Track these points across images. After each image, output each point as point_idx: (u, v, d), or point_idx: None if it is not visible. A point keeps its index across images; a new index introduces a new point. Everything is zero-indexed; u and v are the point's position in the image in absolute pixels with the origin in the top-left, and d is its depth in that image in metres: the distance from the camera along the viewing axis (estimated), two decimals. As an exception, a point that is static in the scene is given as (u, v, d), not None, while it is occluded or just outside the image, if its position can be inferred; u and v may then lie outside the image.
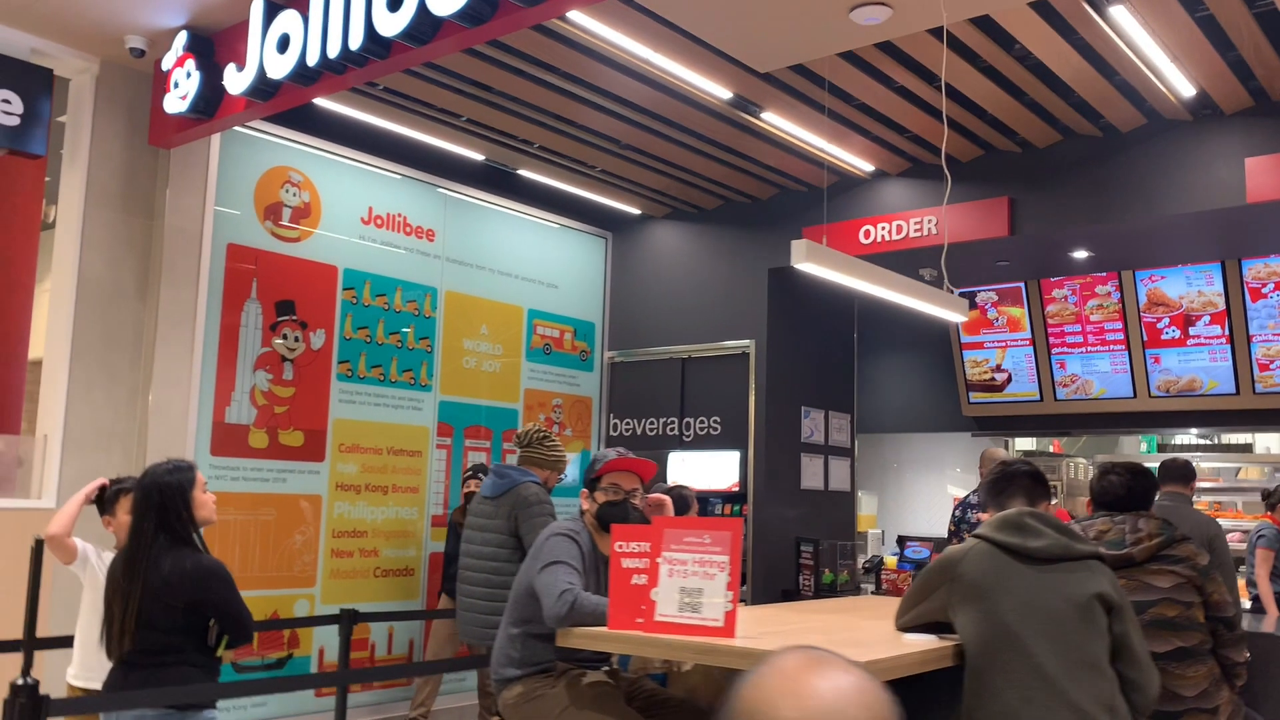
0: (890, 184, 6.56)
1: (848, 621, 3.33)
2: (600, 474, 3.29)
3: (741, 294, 7.06)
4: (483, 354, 6.94)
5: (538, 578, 3.07)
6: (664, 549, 2.86)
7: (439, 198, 6.71)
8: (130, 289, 5.28)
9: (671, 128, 5.92)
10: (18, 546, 4.75)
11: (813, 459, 7.23)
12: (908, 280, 4.36)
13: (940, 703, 2.88)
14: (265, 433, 5.68)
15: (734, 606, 2.74)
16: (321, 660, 5.89)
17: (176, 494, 3.23)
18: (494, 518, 4.38)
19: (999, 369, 8.05)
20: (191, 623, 3.15)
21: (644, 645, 2.83)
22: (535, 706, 3.07)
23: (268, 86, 4.53)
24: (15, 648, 4.03)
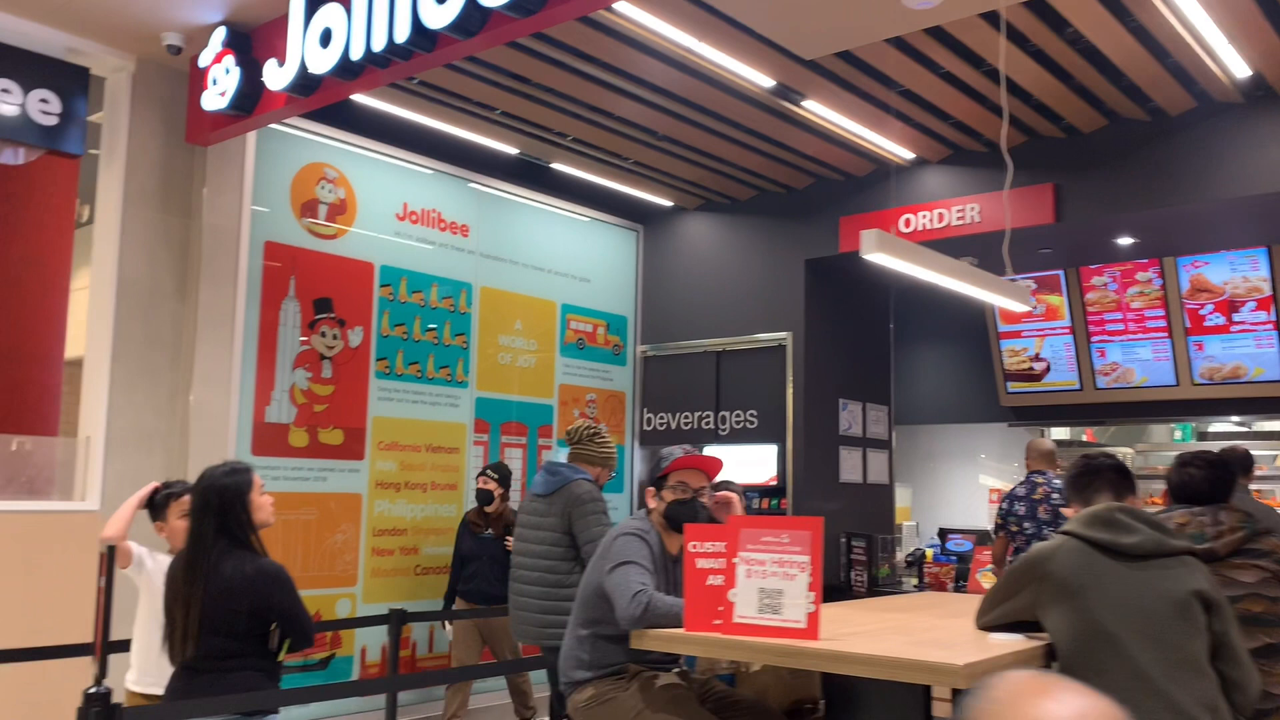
0: (930, 171, 6.46)
1: (924, 620, 3.26)
2: (667, 472, 3.22)
3: (777, 286, 6.97)
4: (517, 349, 6.88)
5: (607, 578, 3.00)
6: (741, 549, 2.79)
7: (472, 193, 6.64)
8: (169, 288, 5.23)
9: (709, 117, 5.84)
10: (63, 549, 4.72)
11: (851, 452, 7.15)
12: (977, 270, 4.27)
13: None
14: (305, 431, 5.64)
15: (817, 607, 2.68)
16: (364, 659, 5.85)
17: (235, 497, 3.18)
18: (547, 515, 4.32)
19: (1038, 358, 7.95)
20: (254, 627, 3.09)
21: (724, 647, 2.76)
22: (608, 709, 3.00)
23: (309, 82, 4.48)
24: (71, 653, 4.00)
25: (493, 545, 5.68)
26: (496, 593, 5.57)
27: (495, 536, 5.69)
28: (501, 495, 5.73)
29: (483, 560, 5.68)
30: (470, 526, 5.78)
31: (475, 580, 5.69)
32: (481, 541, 5.71)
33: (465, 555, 5.76)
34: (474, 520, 5.79)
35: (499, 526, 5.69)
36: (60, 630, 4.43)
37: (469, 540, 5.76)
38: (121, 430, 5.02)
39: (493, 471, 5.78)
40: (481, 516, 5.75)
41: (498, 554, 5.63)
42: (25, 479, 5.37)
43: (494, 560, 5.64)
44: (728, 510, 3.32)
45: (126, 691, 3.55)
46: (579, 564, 4.24)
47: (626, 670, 3.07)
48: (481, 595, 5.65)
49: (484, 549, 5.69)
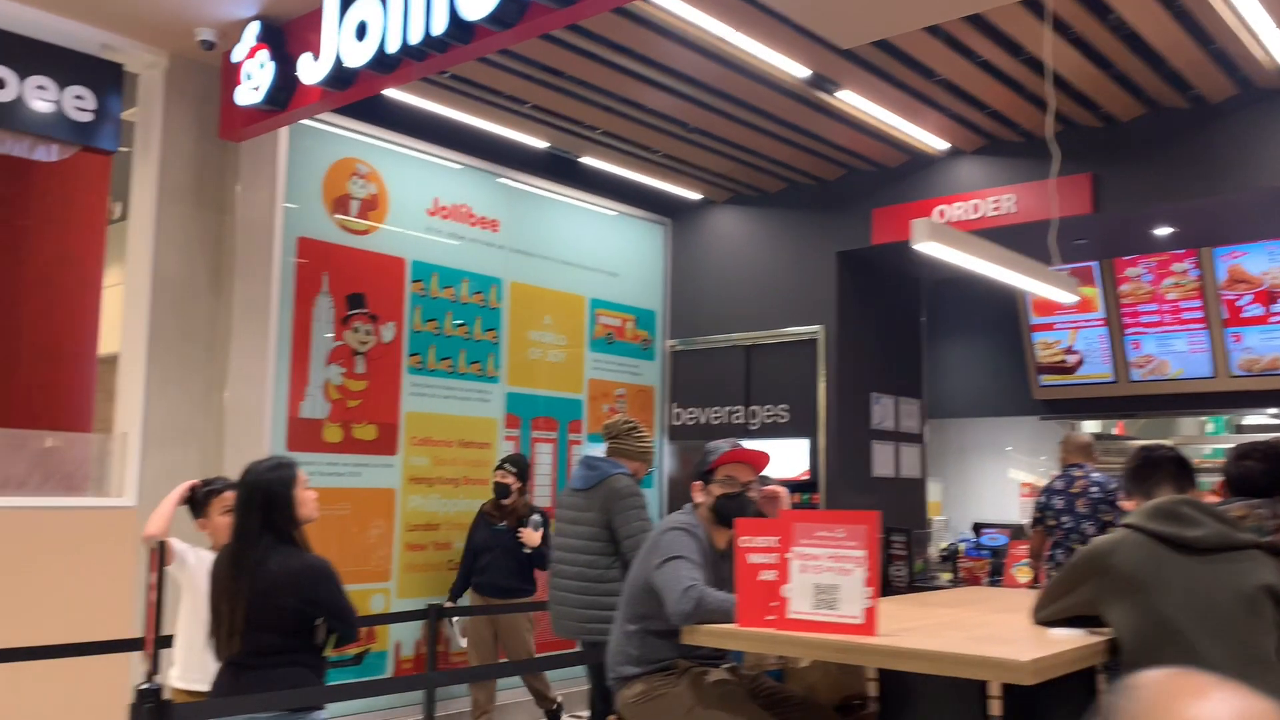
0: (965, 162, 6.39)
1: (975, 615, 3.22)
2: (714, 465, 3.19)
3: (808, 279, 6.92)
4: (547, 344, 6.85)
5: (656, 573, 2.97)
6: (794, 544, 2.75)
7: (501, 188, 6.62)
8: (203, 284, 5.23)
9: (741, 108, 5.79)
10: (101, 545, 4.73)
11: (883, 446, 7.09)
12: (1026, 260, 4.21)
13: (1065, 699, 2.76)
14: (339, 427, 5.63)
15: (874, 603, 2.63)
16: (398, 655, 5.84)
17: (279, 491, 3.16)
18: (586, 510, 4.29)
19: (1070, 350, 7.87)
20: (300, 622, 3.08)
21: (778, 643, 2.73)
22: (658, 705, 2.97)
23: (344, 75, 4.46)
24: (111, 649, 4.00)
25: (506, 537, 5.61)
26: (509, 585, 5.55)
27: (509, 528, 5.62)
28: (519, 489, 5.68)
29: (496, 552, 5.63)
30: (486, 518, 5.72)
31: (488, 572, 5.64)
32: (495, 533, 5.64)
33: (479, 547, 5.69)
34: (490, 511, 5.72)
35: (513, 519, 5.63)
36: (98, 626, 4.44)
37: (483, 531, 5.70)
38: (157, 426, 5.03)
39: (510, 465, 5.71)
40: (498, 508, 5.69)
41: (511, 546, 5.58)
42: (62, 475, 5.38)
43: (507, 552, 5.59)
44: (775, 505, 3.27)
45: (170, 688, 3.55)
46: (618, 558, 4.21)
47: (676, 666, 3.03)
48: (494, 588, 5.60)
49: (497, 540, 5.63)
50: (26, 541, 4.48)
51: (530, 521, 5.57)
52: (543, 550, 5.56)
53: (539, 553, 5.56)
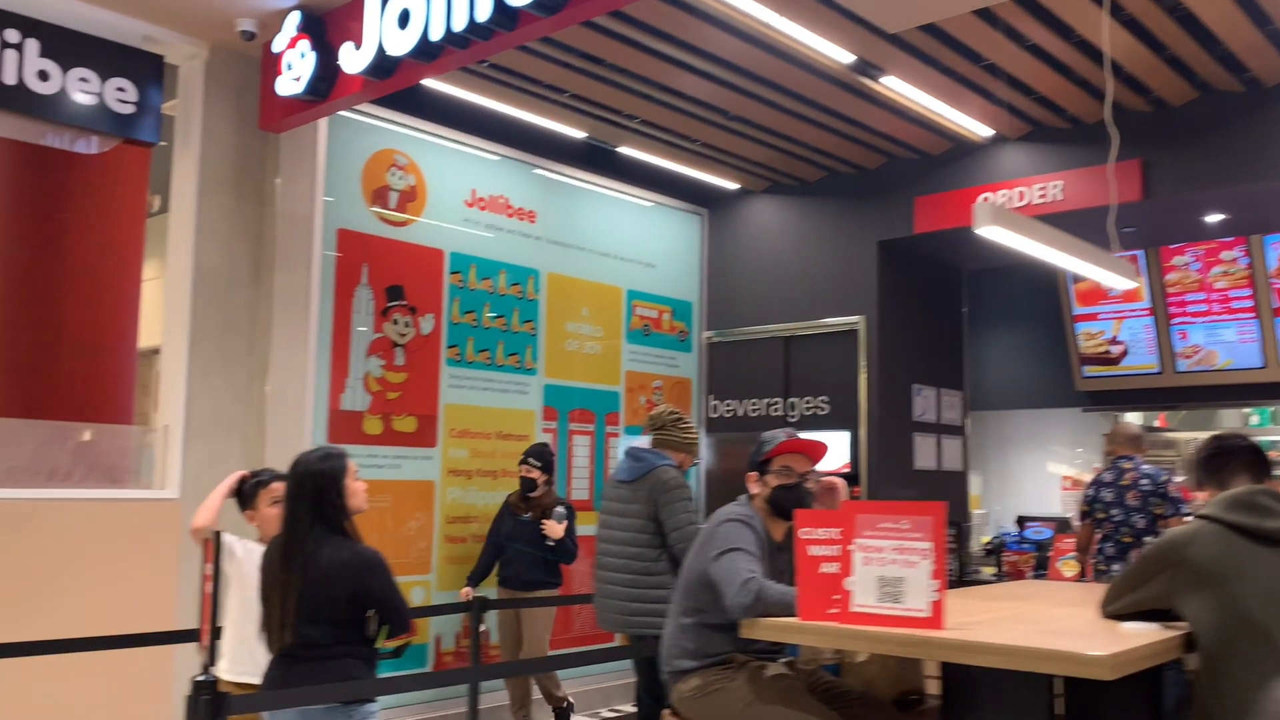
0: (1009, 149, 6.28)
1: (1039, 609, 3.14)
2: (770, 456, 3.12)
3: (849, 269, 6.83)
4: (584, 336, 6.81)
5: (712, 565, 2.91)
6: (857, 535, 2.69)
7: (538, 179, 6.57)
8: (244, 276, 5.22)
9: (782, 95, 5.71)
10: (143, 537, 4.73)
11: (925, 438, 7.00)
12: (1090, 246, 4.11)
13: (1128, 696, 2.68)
14: (379, 419, 5.61)
15: (941, 596, 2.57)
16: (438, 647, 5.83)
17: (330, 482, 3.12)
18: (631, 502, 4.23)
19: (1115, 341, 7.74)
20: (352, 614, 3.04)
21: (841, 637, 2.67)
22: (715, 700, 2.92)
23: (386, 64, 4.42)
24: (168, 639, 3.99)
25: (530, 529, 5.51)
26: (532, 578, 5.46)
27: (534, 520, 5.52)
28: (545, 481, 5.58)
29: (520, 545, 5.53)
30: (511, 509, 5.62)
31: (512, 564, 5.54)
32: (520, 524, 5.54)
33: (503, 538, 5.59)
34: (515, 503, 5.61)
35: (539, 511, 5.53)
36: (140, 618, 4.44)
37: (509, 522, 5.59)
38: (199, 418, 5.02)
39: (535, 459, 5.59)
40: (524, 500, 5.59)
41: (534, 538, 5.48)
42: (105, 468, 5.40)
43: (531, 545, 5.50)
44: (833, 496, 3.21)
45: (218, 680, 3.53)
46: (665, 551, 4.16)
47: (733, 660, 2.98)
48: (518, 580, 5.51)
49: (522, 532, 5.53)
50: (70, 533, 4.49)
51: (554, 514, 5.48)
52: (565, 543, 5.48)
53: (562, 546, 5.47)
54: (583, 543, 6.57)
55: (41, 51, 4.63)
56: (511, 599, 5.56)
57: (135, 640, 3.82)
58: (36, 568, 4.31)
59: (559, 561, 5.58)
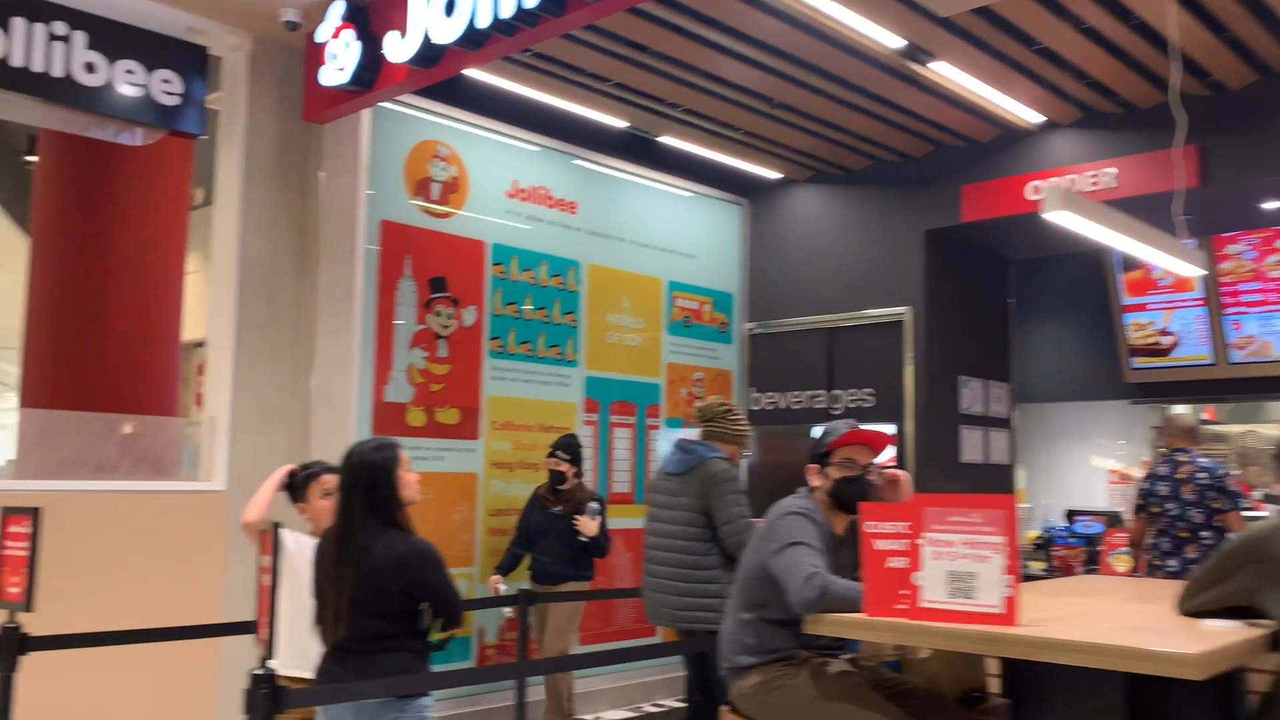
0: (1059, 135, 6.15)
1: (1111, 605, 3.05)
2: (832, 448, 3.05)
3: (894, 259, 6.73)
4: (625, 328, 6.75)
5: (774, 559, 2.85)
6: (926, 529, 2.61)
7: (578, 169, 6.52)
8: (289, 268, 5.20)
9: (829, 81, 5.62)
10: (191, 529, 4.73)
11: (972, 431, 6.89)
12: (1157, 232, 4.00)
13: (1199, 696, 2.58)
14: (423, 411, 5.59)
15: (1015, 591, 2.49)
16: (482, 640, 5.80)
17: (383, 473, 3.09)
18: (680, 495, 4.17)
19: (1165, 332, 7.57)
20: (406, 607, 3.01)
21: (910, 633, 2.59)
22: (778, 697, 2.86)
23: (432, 53, 4.38)
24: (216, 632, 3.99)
25: (561, 523, 5.41)
26: (561, 573, 5.34)
27: (564, 514, 5.41)
28: (575, 474, 5.47)
29: (550, 538, 5.43)
30: (541, 501, 5.50)
31: (541, 560, 5.45)
32: (550, 518, 5.44)
33: (533, 531, 5.49)
34: (545, 495, 5.50)
35: (570, 505, 5.41)
36: (188, 610, 4.44)
37: (538, 516, 5.48)
38: (245, 410, 5.01)
39: (563, 452, 5.47)
40: (553, 493, 5.47)
41: (565, 532, 5.38)
42: (151, 460, 5.42)
43: (561, 539, 5.40)
44: (895, 489, 3.13)
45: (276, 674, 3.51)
46: (716, 544, 4.10)
47: (796, 656, 2.91)
48: (547, 575, 5.39)
49: (552, 526, 5.43)
50: (118, 525, 4.49)
51: (588, 510, 5.37)
52: (599, 539, 5.39)
53: (595, 541, 5.39)
54: (621, 535, 6.55)
55: (89, 44, 4.62)
56: (547, 593, 5.50)
57: (184, 633, 3.81)
58: (85, 559, 4.32)
59: (593, 555, 5.49)
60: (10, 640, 3.12)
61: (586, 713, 6.04)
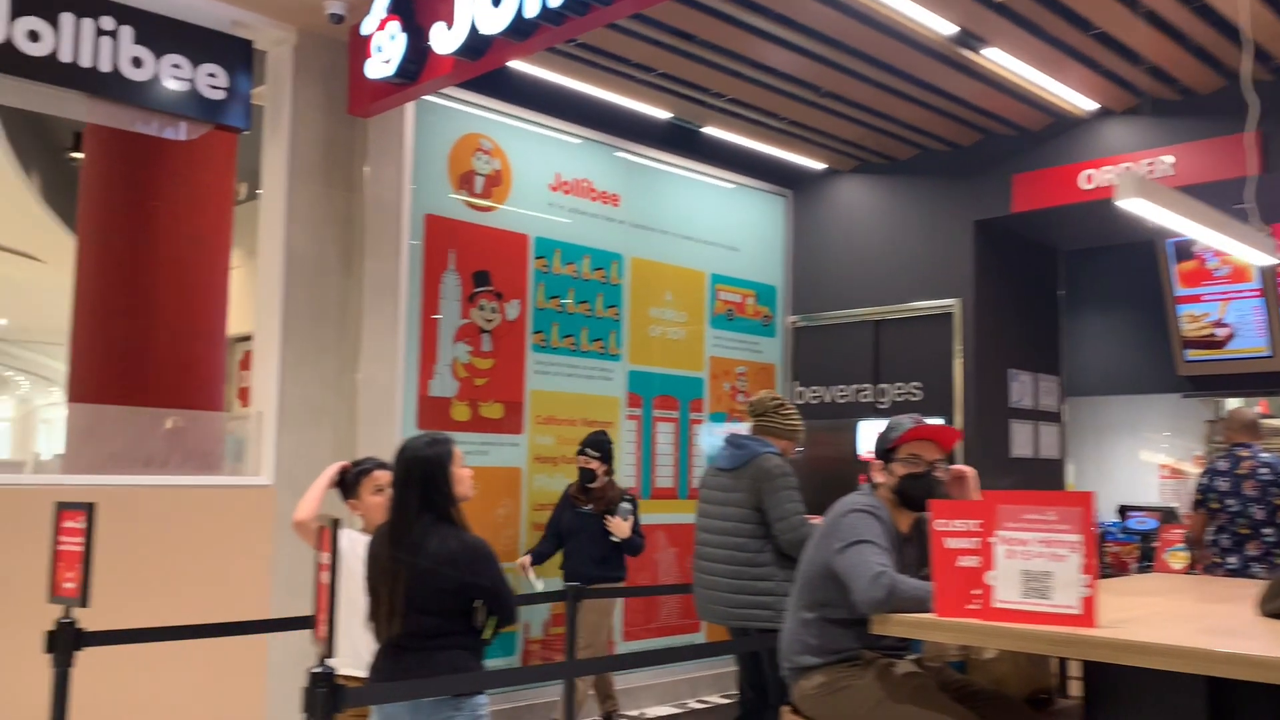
0: (1114, 123, 6.00)
1: (1189, 605, 2.95)
2: (897, 444, 2.97)
3: (942, 250, 6.61)
4: (668, 321, 6.69)
5: (838, 558, 2.78)
6: (998, 527, 2.53)
7: (620, 162, 6.46)
8: (334, 263, 5.19)
9: (878, 69, 5.52)
10: (239, 524, 4.73)
11: (1022, 425, 6.76)
12: (1234, 221, 3.88)
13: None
14: (467, 405, 5.56)
15: (1092, 591, 2.40)
16: (526, 635, 5.77)
17: (437, 468, 3.05)
18: (733, 491, 4.10)
19: (1220, 323, 7.38)
20: (460, 604, 2.97)
21: (983, 634, 2.52)
22: (842, 699, 2.79)
23: (479, 44, 4.33)
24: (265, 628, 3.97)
25: (592, 522, 5.29)
26: (592, 574, 5.15)
27: (595, 513, 5.30)
28: (605, 471, 5.36)
29: (580, 538, 5.32)
30: (571, 500, 5.40)
31: (572, 559, 5.34)
32: (581, 517, 5.33)
33: (564, 531, 5.39)
34: (575, 495, 5.40)
35: (601, 504, 5.30)
36: (237, 605, 4.43)
37: (569, 515, 5.38)
38: (291, 405, 5.00)
39: (592, 450, 5.36)
40: (583, 491, 5.37)
41: (596, 533, 5.27)
42: (201, 455, 5.43)
43: (592, 539, 5.28)
44: (963, 486, 3.05)
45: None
46: (769, 541, 4.02)
47: (860, 657, 2.84)
48: (578, 575, 5.21)
49: (583, 525, 5.32)
50: (167, 519, 4.49)
51: (619, 510, 5.24)
52: (633, 539, 5.28)
53: (629, 541, 5.28)
54: (665, 530, 6.50)
55: (135, 38, 4.62)
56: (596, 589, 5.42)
57: (237, 628, 3.80)
58: (136, 554, 4.32)
59: (625, 555, 5.39)
60: (66, 636, 3.11)
61: (631, 709, 6.00)
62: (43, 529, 3.21)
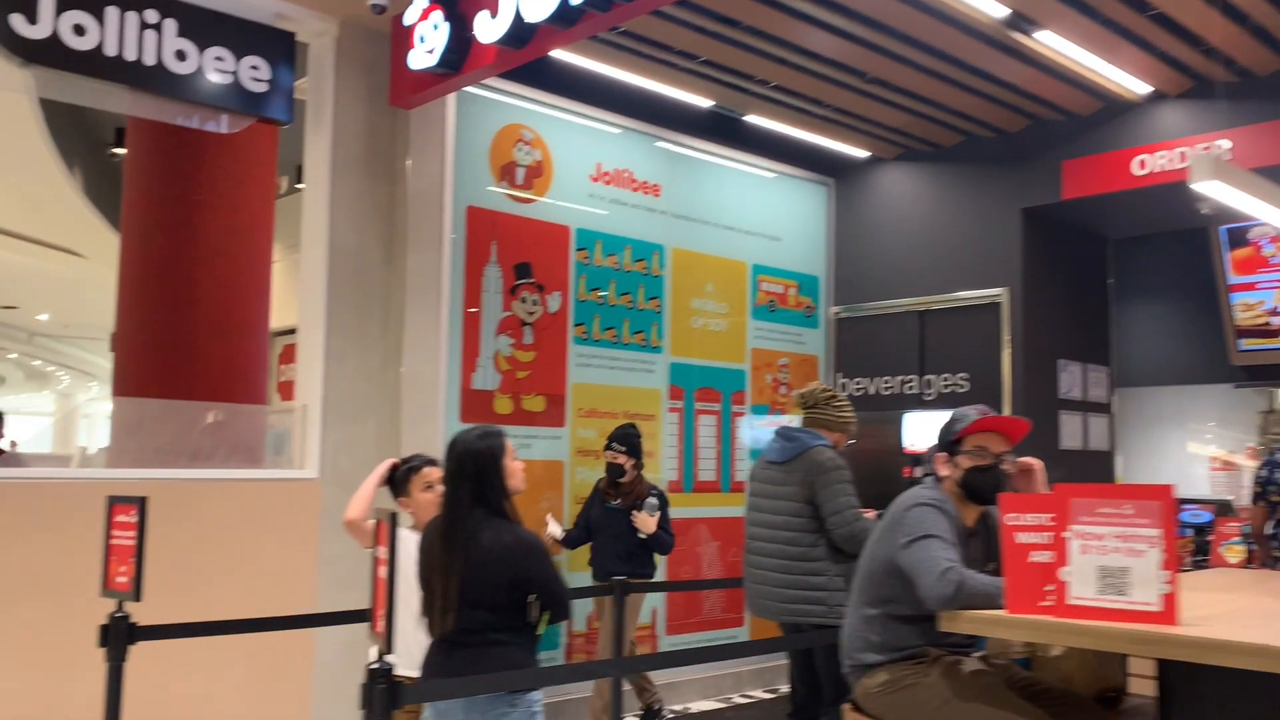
0: (1168, 107, 5.85)
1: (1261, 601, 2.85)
2: (963, 435, 2.89)
3: (989, 238, 6.48)
4: (709, 313, 6.61)
5: (903, 553, 2.70)
6: (1072, 522, 2.45)
7: (661, 152, 6.39)
8: (377, 256, 5.17)
9: (926, 54, 5.41)
10: (284, 517, 4.72)
11: (1071, 416, 6.63)
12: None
13: None
14: (509, 399, 5.52)
15: (1173, 588, 2.31)
16: (569, 629, 5.73)
17: (489, 462, 3.01)
18: (785, 485, 4.04)
19: (1275, 312, 7.21)
20: (513, 600, 2.92)
21: (1057, 632, 2.43)
22: (906, 697, 2.72)
23: (523, 32, 4.28)
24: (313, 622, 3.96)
25: (619, 519, 5.16)
26: (618, 570, 4.96)
27: (623, 508, 5.18)
28: (634, 465, 5.23)
29: (606, 533, 5.22)
30: (601, 495, 5.30)
31: (599, 555, 5.24)
32: (609, 512, 5.21)
33: (593, 525, 5.29)
34: (605, 489, 5.30)
35: (629, 499, 5.18)
36: (284, 599, 4.43)
37: (598, 509, 5.28)
38: (336, 399, 4.99)
39: (619, 444, 5.24)
40: (612, 485, 5.26)
41: (622, 530, 5.14)
42: (246, 448, 5.44)
43: (618, 536, 5.16)
44: (1030, 479, 2.96)
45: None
46: (822, 535, 3.95)
47: (926, 654, 2.76)
48: (603, 572, 5.17)
49: (610, 521, 5.20)
50: (214, 513, 4.49)
51: (646, 505, 5.10)
52: (659, 534, 5.14)
53: (654, 538, 5.14)
54: (707, 524, 6.44)
55: (179, 31, 4.61)
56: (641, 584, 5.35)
57: (287, 623, 3.79)
58: (184, 547, 4.32)
59: (654, 552, 5.27)
60: (120, 630, 3.11)
61: (675, 703, 5.95)
62: (91, 523, 3.21)
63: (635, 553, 5.20)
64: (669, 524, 5.29)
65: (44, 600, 3.94)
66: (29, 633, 3.91)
